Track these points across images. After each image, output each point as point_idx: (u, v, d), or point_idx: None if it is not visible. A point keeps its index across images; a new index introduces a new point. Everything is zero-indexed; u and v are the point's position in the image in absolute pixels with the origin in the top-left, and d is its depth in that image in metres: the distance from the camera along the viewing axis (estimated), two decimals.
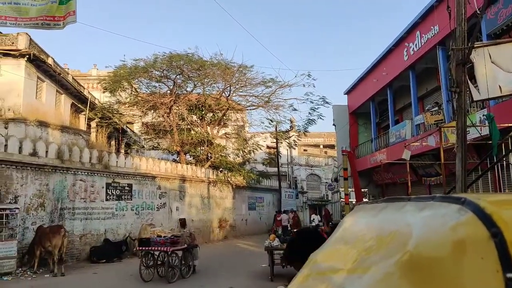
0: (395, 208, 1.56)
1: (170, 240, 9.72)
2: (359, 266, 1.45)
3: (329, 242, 1.88)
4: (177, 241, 9.96)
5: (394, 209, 1.57)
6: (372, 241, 1.53)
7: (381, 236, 1.49)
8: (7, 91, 15.67)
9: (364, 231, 1.69)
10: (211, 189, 22.27)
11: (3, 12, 5.81)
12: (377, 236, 1.53)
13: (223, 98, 24.01)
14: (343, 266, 1.53)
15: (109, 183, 15.19)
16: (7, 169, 11.56)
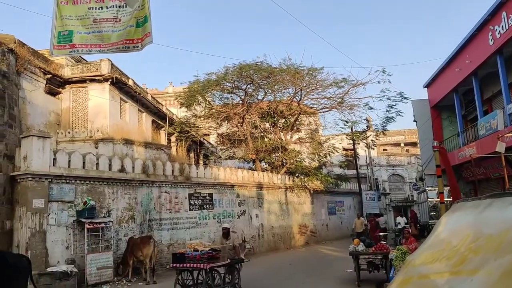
0: (503, 204, 1.46)
1: (207, 255, 8.18)
2: (467, 267, 1.38)
3: (427, 244, 1.71)
4: (217, 256, 8.41)
5: (501, 205, 1.46)
6: (479, 240, 1.44)
7: (491, 235, 1.39)
8: (95, 114, 17.11)
9: (467, 230, 1.59)
10: (288, 195, 22.14)
11: (89, 41, 6.22)
12: (485, 235, 1.43)
13: (294, 103, 23.86)
14: (447, 268, 1.46)
15: (191, 194, 15.78)
16: (99, 186, 12.51)
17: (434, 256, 1.58)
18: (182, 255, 8.34)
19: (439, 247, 1.61)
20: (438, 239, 1.71)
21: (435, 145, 9.27)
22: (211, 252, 8.27)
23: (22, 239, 10.55)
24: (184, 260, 8.24)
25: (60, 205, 11.29)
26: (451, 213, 1.84)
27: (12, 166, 11.30)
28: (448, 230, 1.70)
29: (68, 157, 11.87)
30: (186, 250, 8.62)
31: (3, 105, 11.41)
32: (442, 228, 1.76)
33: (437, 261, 1.53)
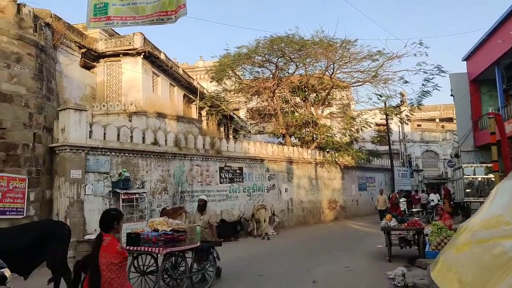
0: None
1: (164, 237, 6.49)
2: None
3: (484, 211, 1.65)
4: (179, 238, 6.68)
5: None
6: None
7: None
8: (129, 87, 17.42)
9: None
10: (318, 170, 22.01)
11: (124, 13, 6.25)
12: None
13: (326, 76, 23.35)
14: None
15: (222, 167, 15.97)
16: (134, 158, 12.84)
17: (497, 221, 1.53)
18: (138, 235, 6.75)
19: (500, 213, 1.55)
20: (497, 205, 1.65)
21: (491, 112, 8.78)
22: (170, 234, 6.59)
23: (61, 208, 11.06)
24: (139, 242, 6.64)
25: (96, 176, 11.70)
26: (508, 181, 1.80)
27: (51, 137, 11.73)
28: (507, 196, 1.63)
29: (104, 130, 12.19)
30: (143, 230, 7.06)
31: (41, 78, 11.74)
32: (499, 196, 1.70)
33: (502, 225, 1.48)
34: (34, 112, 11.10)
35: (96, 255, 3.52)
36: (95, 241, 3.69)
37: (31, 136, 10.86)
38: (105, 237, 3.63)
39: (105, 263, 3.47)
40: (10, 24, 10.77)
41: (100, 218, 3.79)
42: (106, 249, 3.54)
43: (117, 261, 3.52)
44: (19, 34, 10.95)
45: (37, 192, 10.80)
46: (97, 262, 3.48)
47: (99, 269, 3.45)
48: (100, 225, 3.75)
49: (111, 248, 3.57)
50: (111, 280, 3.45)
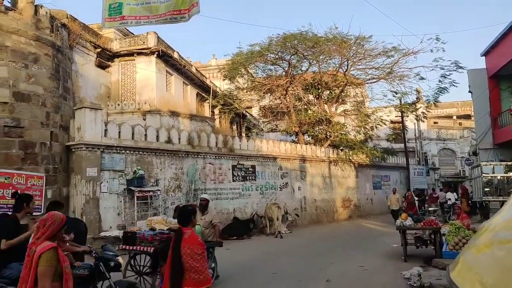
0: None
1: (160, 237, 6.30)
2: None
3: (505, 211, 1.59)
4: None
5: None
6: None
7: None
8: (143, 86, 17.58)
9: None
10: (332, 169, 21.86)
11: (138, 12, 6.32)
12: None
13: (340, 73, 23.13)
14: None
15: (235, 165, 15.99)
16: (148, 156, 12.95)
17: None
18: (134, 234, 6.64)
19: None
20: None
21: None
22: (166, 233, 6.38)
23: (78, 205, 11.23)
24: (135, 241, 6.50)
25: (111, 173, 11.84)
26: None
27: (67, 136, 11.92)
28: None
29: (118, 128, 12.32)
30: (140, 229, 6.93)
31: (58, 78, 11.93)
32: None
33: None
34: (51, 111, 11.29)
35: (179, 246, 3.89)
36: (176, 234, 4.09)
37: (48, 135, 11.04)
38: (185, 230, 4.04)
39: (189, 253, 3.86)
40: (27, 25, 10.97)
41: (180, 214, 4.29)
42: (188, 241, 3.94)
43: (200, 251, 3.94)
44: (36, 35, 11.14)
45: (54, 190, 10.99)
46: (179, 252, 3.85)
47: (182, 259, 3.82)
48: (180, 220, 4.20)
49: (193, 240, 3.98)
50: (197, 269, 3.84)
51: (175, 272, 3.84)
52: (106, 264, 4.71)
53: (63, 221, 3.21)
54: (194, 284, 3.82)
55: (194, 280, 3.82)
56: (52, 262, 2.97)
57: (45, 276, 2.91)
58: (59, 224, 3.16)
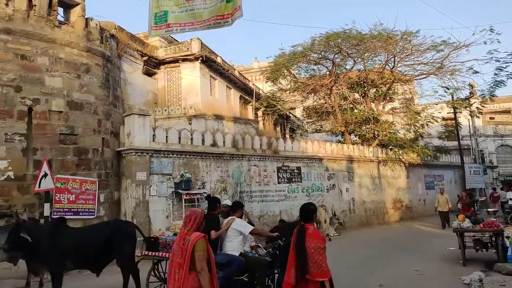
0: None
1: None
2: None
3: None
4: None
5: None
6: None
7: None
8: (188, 91, 17.98)
9: None
10: (381, 169, 21.14)
11: (182, 20, 6.45)
12: None
13: (387, 70, 22.37)
14: None
15: (280, 167, 15.87)
16: (194, 159, 13.16)
17: None
18: (156, 240, 6.48)
19: None
20: None
21: None
22: None
23: (128, 208, 11.60)
24: (158, 246, 6.37)
25: (160, 177, 12.13)
26: None
27: (117, 142, 12.38)
28: None
29: (166, 133, 12.63)
30: (164, 233, 6.74)
31: (108, 87, 12.44)
32: None
33: None
34: (102, 119, 11.77)
35: (303, 241, 4.25)
36: (299, 230, 4.42)
37: (100, 141, 11.51)
38: (308, 226, 4.40)
39: (313, 247, 4.21)
40: (79, 38, 11.52)
41: (303, 211, 4.57)
42: (312, 236, 4.29)
43: (323, 245, 4.29)
44: (88, 46, 11.68)
45: (106, 194, 11.43)
46: (304, 247, 4.20)
47: (307, 253, 4.18)
48: (303, 217, 4.54)
49: (316, 235, 4.34)
50: (320, 262, 4.18)
51: (302, 265, 4.18)
52: None
53: (202, 215, 4.00)
54: (319, 275, 4.16)
55: (318, 272, 4.16)
56: (204, 248, 3.71)
57: (202, 258, 3.66)
58: (201, 218, 3.94)
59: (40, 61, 10.45)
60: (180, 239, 3.82)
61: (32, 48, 10.33)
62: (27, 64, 10.19)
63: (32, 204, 9.75)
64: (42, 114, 10.23)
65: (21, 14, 10.32)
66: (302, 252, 4.23)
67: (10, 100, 9.80)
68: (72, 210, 10.25)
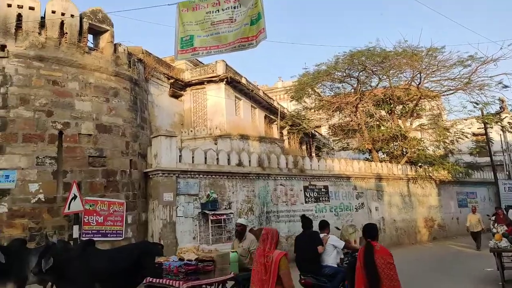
0: None
1: (186, 268, 5.75)
2: None
3: None
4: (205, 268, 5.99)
5: None
6: None
7: None
8: (213, 112, 18.18)
9: None
10: (411, 186, 20.54)
11: (208, 43, 6.60)
12: None
13: (413, 87, 22.00)
14: None
15: (306, 186, 15.64)
16: (220, 179, 13.14)
17: None
18: (160, 265, 6.17)
19: None
20: None
21: None
22: (193, 264, 5.86)
23: (156, 229, 11.62)
24: (161, 273, 6.06)
25: (186, 198, 12.14)
26: None
27: (145, 163, 12.53)
28: None
29: (192, 154, 12.70)
30: (168, 259, 6.34)
31: (135, 109, 12.70)
32: None
33: None
34: (130, 141, 11.98)
35: (373, 258, 4.43)
36: (367, 248, 4.58)
37: (127, 163, 11.68)
38: (374, 243, 4.59)
39: (383, 263, 4.39)
40: (108, 62, 11.89)
41: (370, 229, 4.78)
42: (381, 252, 4.48)
43: (392, 260, 4.46)
44: (116, 71, 12.02)
45: (133, 215, 11.51)
46: (374, 263, 4.39)
47: (378, 269, 4.35)
48: (370, 234, 4.72)
49: (385, 251, 4.53)
50: (391, 276, 4.35)
51: (374, 281, 4.34)
52: None
53: (277, 233, 4.26)
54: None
55: (391, 285, 4.32)
56: (288, 265, 3.98)
57: (289, 276, 3.93)
58: (277, 236, 4.20)
59: (71, 86, 10.80)
60: (260, 257, 4.05)
61: (63, 74, 10.71)
62: (58, 90, 10.55)
63: (62, 226, 9.91)
64: (72, 137, 10.50)
65: (53, 42, 10.76)
66: (373, 269, 4.38)
67: (42, 125, 10.13)
68: (100, 232, 10.36)
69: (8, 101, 9.94)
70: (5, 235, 9.03)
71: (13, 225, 9.38)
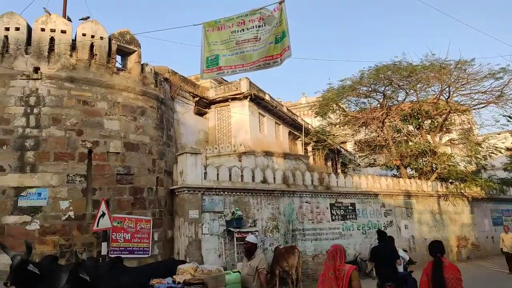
0: None
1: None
2: None
3: None
4: None
5: None
6: None
7: None
8: (238, 129, 18.27)
9: None
10: (442, 204, 19.85)
11: (233, 62, 6.69)
12: None
13: (442, 101, 21.50)
14: None
15: (333, 204, 15.37)
16: (245, 196, 13.08)
17: None
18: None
19: None
20: None
21: None
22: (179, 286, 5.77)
23: (182, 246, 11.63)
24: None
25: (211, 215, 12.13)
26: None
27: (171, 180, 12.65)
28: None
29: (217, 171, 12.74)
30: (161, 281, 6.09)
31: (162, 127, 12.92)
32: None
33: None
34: (157, 158, 12.14)
35: (442, 273, 4.79)
36: (436, 263, 5.01)
37: (154, 180, 11.82)
38: (443, 259, 4.97)
39: (453, 278, 4.73)
40: (135, 82, 12.19)
41: (437, 245, 5.34)
42: (450, 267, 4.87)
43: (460, 276, 4.79)
44: (143, 90, 12.30)
45: (160, 232, 11.57)
46: (443, 278, 4.74)
47: (446, 284, 4.70)
48: (439, 250, 5.19)
49: (453, 267, 4.90)
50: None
51: None
52: None
53: (343, 249, 4.60)
54: None
55: None
56: (358, 278, 4.41)
57: (360, 287, 4.35)
58: (344, 251, 4.57)
59: (100, 106, 11.10)
60: (329, 271, 4.43)
61: (92, 94, 11.05)
62: (88, 109, 10.87)
63: (91, 243, 10.05)
64: (101, 155, 10.73)
65: (83, 63, 11.14)
66: (441, 283, 4.70)
67: (72, 143, 10.41)
68: (127, 249, 10.44)
69: (41, 121, 10.31)
70: (37, 252, 9.21)
71: (44, 241, 9.60)
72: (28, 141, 10.10)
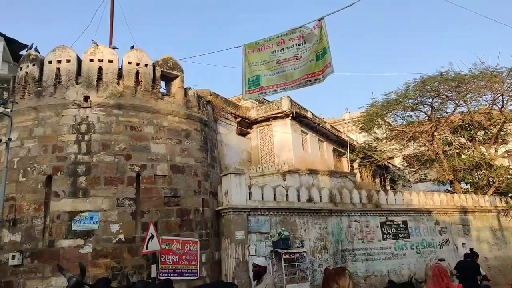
0: None
1: None
2: None
3: None
4: None
5: None
6: None
7: None
8: (280, 148, 18.16)
9: None
10: (502, 220, 18.53)
11: (274, 81, 6.70)
12: None
13: (495, 111, 20.34)
14: None
15: (383, 222, 14.75)
16: (291, 216, 12.84)
17: None
18: None
19: None
20: None
21: None
22: None
23: (229, 268, 11.52)
24: None
25: (258, 236, 11.97)
26: None
27: (216, 201, 12.69)
28: None
29: (261, 191, 12.64)
30: None
31: (206, 149, 13.08)
32: None
33: None
34: (202, 180, 12.26)
35: None
36: None
37: (200, 202, 11.91)
38: None
39: None
40: (179, 106, 12.50)
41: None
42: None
43: None
44: (187, 113, 12.57)
45: (207, 254, 11.56)
46: None
47: None
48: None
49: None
50: None
51: None
52: None
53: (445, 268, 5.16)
54: None
55: None
56: None
57: None
58: (446, 270, 4.82)
59: (147, 130, 11.44)
60: None
61: (139, 119, 11.41)
62: (135, 134, 11.22)
63: (141, 265, 10.19)
64: (149, 178, 10.99)
65: (130, 90, 11.59)
66: None
67: (121, 168, 10.75)
68: (176, 271, 10.49)
69: (92, 147, 10.75)
70: (90, 275, 9.45)
71: (97, 264, 9.85)
72: (80, 167, 10.54)
